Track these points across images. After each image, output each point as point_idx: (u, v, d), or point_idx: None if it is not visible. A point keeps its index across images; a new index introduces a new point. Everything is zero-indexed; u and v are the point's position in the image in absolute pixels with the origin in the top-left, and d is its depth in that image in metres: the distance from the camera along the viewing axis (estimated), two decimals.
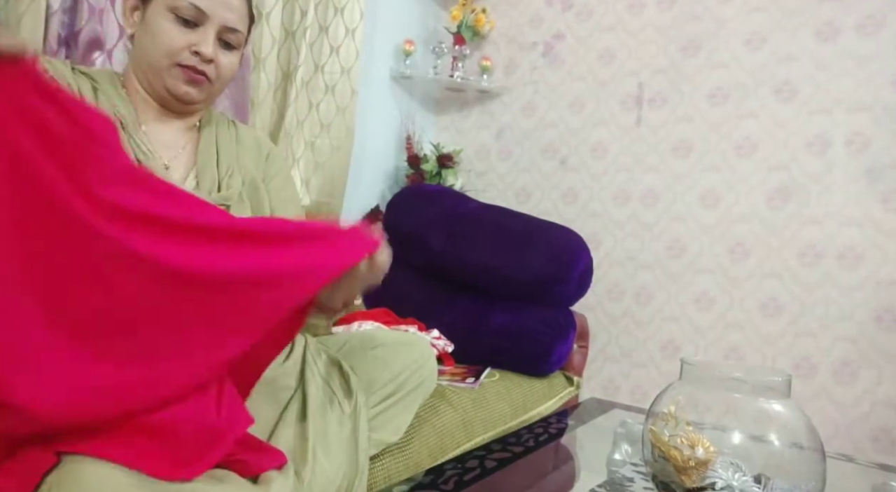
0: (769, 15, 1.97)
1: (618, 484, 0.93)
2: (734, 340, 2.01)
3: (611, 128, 2.23)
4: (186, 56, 0.96)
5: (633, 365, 2.18)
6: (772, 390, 0.79)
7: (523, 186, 2.40)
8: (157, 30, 0.94)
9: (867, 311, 1.83)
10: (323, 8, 1.89)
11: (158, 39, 0.94)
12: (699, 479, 0.74)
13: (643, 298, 2.16)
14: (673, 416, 0.78)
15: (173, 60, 0.95)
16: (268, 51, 1.76)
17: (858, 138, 1.85)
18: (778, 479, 0.73)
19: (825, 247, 1.89)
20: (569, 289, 1.72)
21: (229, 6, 0.98)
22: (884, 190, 1.82)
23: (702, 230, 2.07)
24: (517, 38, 2.42)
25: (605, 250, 2.22)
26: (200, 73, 0.97)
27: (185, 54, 0.95)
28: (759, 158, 1.98)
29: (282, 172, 1.17)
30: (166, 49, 0.95)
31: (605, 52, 2.24)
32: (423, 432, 1.20)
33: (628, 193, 2.20)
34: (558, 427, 1.24)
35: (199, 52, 0.96)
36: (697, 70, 2.08)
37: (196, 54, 0.96)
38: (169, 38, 0.94)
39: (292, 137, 1.84)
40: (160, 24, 0.94)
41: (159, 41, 0.94)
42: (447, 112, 2.57)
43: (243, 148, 1.11)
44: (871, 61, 1.83)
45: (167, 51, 0.95)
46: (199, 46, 0.95)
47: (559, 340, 1.68)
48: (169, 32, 0.94)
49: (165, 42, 0.94)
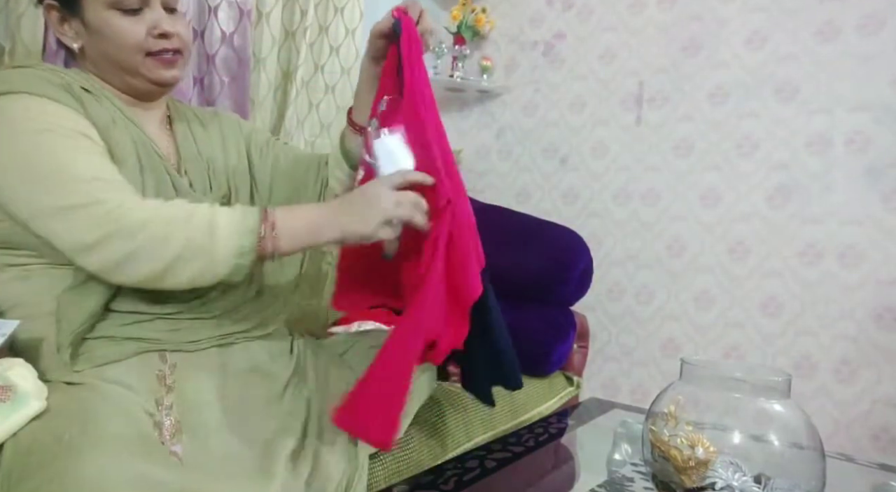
0: (770, 14, 1.97)
1: (618, 484, 0.93)
2: (734, 340, 2.01)
3: (611, 127, 2.23)
4: (152, 42, 0.93)
5: (633, 365, 2.18)
6: (772, 390, 0.79)
7: (523, 185, 2.40)
8: (111, 30, 0.91)
9: (867, 310, 1.83)
10: (323, 8, 1.89)
11: (118, 40, 0.92)
12: (699, 479, 0.74)
13: (643, 297, 2.16)
14: (673, 416, 0.78)
15: (143, 52, 0.93)
16: (268, 51, 1.76)
17: (859, 138, 1.85)
18: (778, 479, 0.73)
19: (825, 246, 1.89)
20: (569, 289, 1.72)
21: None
22: (884, 189, 1.82)
23: (702, 229, 2.07)
24: (517, 37, 2.41)
25: (605, 250, 2.22)
26: (172, 51, 0.96)
27: (150, 41, 0.93)
28: (759, 157, 1.98)
29: (269, 136, 1.22)
30: (132, 45, 0.92)
31: (605, 51, 2.24)
32: (423, 432, 1.20)
33: (629, 192, 2.20)
34: (558, 427, 1.24)
35: (163, 33, 0.94)
36: (698, 69, 2.08)
37: (161, 36, 0.94)
38: (127, 34, 0.91)
39: (292, 136, 1.84)
40: (110, 24, 0.91)
41: (121, 40, 0.92)
42: (447, 112, 2.57)
43: (219, 136, 1.11)
44: (871, 61, 1.83)
45: (134, 46, 0.92)
46: (159, 27, 0.93)
47: (559, 340, 1.68)
48: (124, 29, 0.91)
49: (127, 39, 0.92)
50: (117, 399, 0.82)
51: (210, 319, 0.96)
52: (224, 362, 0.95)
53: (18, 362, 0.80)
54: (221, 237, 0.83)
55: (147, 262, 0.81)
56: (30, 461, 0.71)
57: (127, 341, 0.88)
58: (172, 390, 0.87)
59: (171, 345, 0.91)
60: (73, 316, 0.85)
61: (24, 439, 0.74)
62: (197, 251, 0.82)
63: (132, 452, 0.72)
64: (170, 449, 0.81)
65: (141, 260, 0.81)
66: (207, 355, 0.94)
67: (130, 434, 0.76)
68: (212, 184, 1.04)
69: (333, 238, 0.89)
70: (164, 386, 0.86)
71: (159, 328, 0.91)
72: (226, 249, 0.83)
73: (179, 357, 0.91)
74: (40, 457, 0.71)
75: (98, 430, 0.74)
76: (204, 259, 0.82)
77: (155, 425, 0.82)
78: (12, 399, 0.75)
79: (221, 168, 1.07)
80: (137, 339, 0.89)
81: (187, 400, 0.88)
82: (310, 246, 0.90)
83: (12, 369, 0.78)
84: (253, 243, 0.84)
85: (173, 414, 0.85)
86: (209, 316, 0.96)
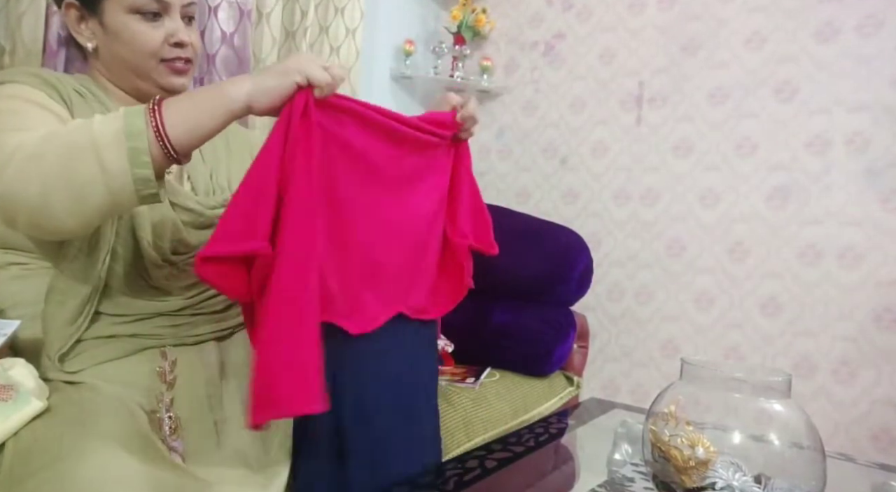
0: (769, 15, 1.97)
1: (618, 484, 0.93)
2: (734, 340, 2.01)
3: (611, 127, 2.23)
4: (168, 50, 0.94)
5: (633, 365, 2.18)
6: (772, 390, 0.79)
7: (523, 185, 2.40)
8: (129, 34, 0.92)
9: (867, 310, 1.83)
10: (323, 8, 1.89)
11: (135, 44, 0.92)
12: (699, 479, 0.74)
13: (643, 297, 2.17)
14: (673, 416, 0.78)
15: (157, 58, 0.94)
16: (268, 51, 1.76)
17: (858, 138, 1.85)
18: (778, 479, 0.73)
19: (825, 247, 1.89)
20: (569, 289, 1.72)
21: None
22: (884, 190, 1.82)
23: (702, 230, 2.07)
24: (517, 37, 2.42)
25: (605, 250, 2.22)
26: (185, 60, 0.97)
27: (165, 48, 0.94)
28: (759, 157, 1.98)
29: None
30: (148, 50, 0.93)
31: (605, 51, 2.24)
32: None
33: (628, 192, 2.20)
34: (558, 427, 1.24)
35: (179, 42, 0.94)
36: (698, 70, 2.08)
37: (176, 44, 0.95)
38: (145, 39, 0.92)
39: None
40: (128, 28, 0.92)
41: (136, 45, 0.92)
42: None
43: (225, 145, 1.11)
44: (871, 61, 1.83)
45: (150, 52, 0.93)
46: (176, 36, 0.94)
47: (559, 340, 1.68)
48: (143, 33, 0.92)
49: (143, 44, 0.92)
50: (117, 398, 0.82)
51: (210, 314, 0.97)
52: (223, 357, 0.96)
53: (20, 362, 0.81)
54: (99, 130, 0.72)
55: (23, 188, 0.71)
56: (31, 461, 0.71)
57: (127, 338, 0.88)
58: (173, 386, 0.87)
59: (172, 339, 0.91)
60: (57, 319, 0.85)
61: (25, 439, 0.75)
62: (78, 154, 0.71)
63: (132, 451, 0.72)
64: (170, 445, 0.81)
65: (15, 186, 0.71)
66: (207, 349, 0.95)
67: (131, 434, 0.76)
68: (214, 189, 1.04)
69: (238, 99, 0.77)
70: (165, 383, 0.87)
71: (159, 324, 0.91)
72: (109, 133, 0.72)
73: (179, 353, 0.91)
74: (41, 456, 0.71)
75: (98, 429, 0.74)
76: (88, 157, 0.71)
77: (155, 423, 0.82)
78: (14, 398, 0.75)
79: (224, 175, 1.07)
80: (138, 335, 0.89)
81: (187, 396, 0.88)
82: (212, 111, 0.77)
83: (13, 369, 0.78)
84: (141, 120, 0.73)
85: (173, 411, 0.85)
86: (209, 311, 0.97)
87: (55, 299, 0.86)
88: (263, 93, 0.78)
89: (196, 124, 0.76)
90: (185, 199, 0.97)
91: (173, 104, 0.76)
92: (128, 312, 0.90)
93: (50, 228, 0.75)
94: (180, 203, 0.96)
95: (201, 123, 0.76)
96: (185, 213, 0.96)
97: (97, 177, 0.71)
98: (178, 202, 0.95)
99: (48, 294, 0.86)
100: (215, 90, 0.78)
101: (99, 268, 0.87)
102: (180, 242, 0.95)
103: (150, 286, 0.93)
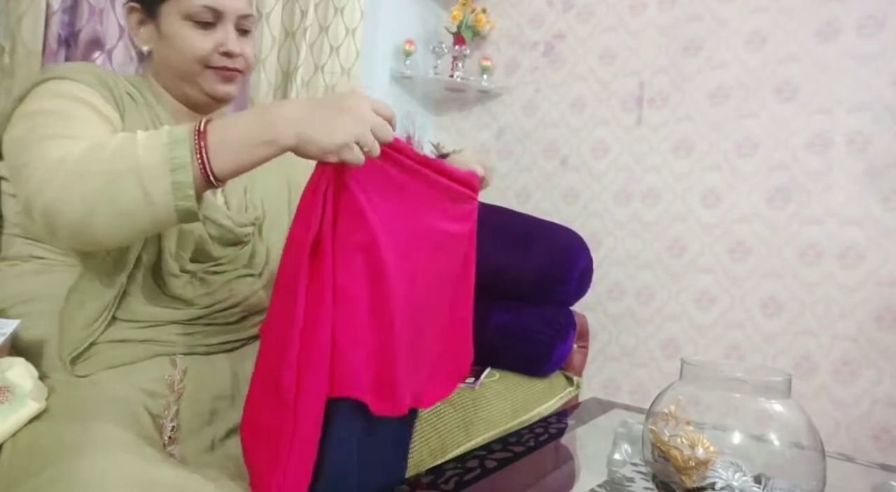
0: (770, 15, 1.97)
1: (618, 484, 0.93)
2: (734, 340, 2.01)
3: (612, 127, 2.23)
4: (216, 58, 0.95)
5: (633, 365, 2.18)
6: (772, 390, 0.79)
7: (524, 185, 2.40)
8: (180, 40, 0.94)
9: (867, 310, 1.83)
10: (323, 8, 1.89)
11: (184, 49, 0.94)
12: (699, 479, 0.74)
13: (643, 297, 2.16)
14: (673, 416, 0.77)
15: (204, 65, 0.95)
16: (268, 51, 1.76)
17: (859, 138, 1.85)
18: (778, 479, 0.73)
19: (825, 246, 1.89)
20: (569, 289, 1.72)
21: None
22: (884, 189, 1.82)
23: (702, 230, 2.07)
24: (518, 38, 2.41)
25: (605, 250, 2.22)
26: (233, 69, 0.97)
27: (214, 57, 0.95)
28: (759, 157, 1.98)
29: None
30: (195, 56, 0.94)
31: (605, 51, 2.24)
32: (424, 432, 1.20)
33: (629, 192, 2.20)
34: (558, 427, 1.24)
35: (228, 52, 0.96)
36: (698, 70, 2.08)
37: (224, 54, 0.96)
38: (195, 46, 0.94)
39: None
40: (180, 34, 0.93)
41: (186, 50, 0.94)
42: (447, 112, 2.57)
43: None
44: (871, 61, 1.83)
45: (197, 58, 0.94)
46: (225, 46, 0.95)
47: (559, 340, 1.68)
48: (193, 40, 0.93)
49: (193, 50, 0.94)
50: (122, 398, 0.82)
51: (224, 325, 0.96)
52: (235, 369, 0.95)
53: (19, 362, 0.80)
54: (143, 156, 0.71)
55: (66, 204, 0.72)
56: (30, 462, 0.71)
57: (139, 344, 0.88)
58: (180, 397, 0.87)
59: (183, 348, 0.91)
60: (76, 320, 0.85)
61: (24, 440, 0.74)
62: (121, 181, 0.71)
63: (133, 453, 0.72)
64: (170, 451, 0.81)
65: (59, 203, 0.72)
66: (218, 360, 0.94)
67: (131, 435, 0.76)
68: (247, 205, 1.04)
69: (286, 139, 0.73)
70: (174, 392, 0.86)
71: (172, 332, 0.91)
72: (155, 164, 0.71)
73: (190, 362, 0.91)
74: (41, 458, 0.71)
75: (99, 431, 0.73)
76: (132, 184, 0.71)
77: (157, 428, 0.82)
78: (10, 400, 0.75)
79: (259, 190, 1.07)
80: (149, 341, 0.88)
81: (192, 410, 0.87)
82: (258, 146, 0.74)
83: (12, 369, 0.78)
84: (186, 151, 0.71)
85: (178, 419, 0.85)
86: (223, 322, 0.96)
87: (76, 299, 0.85)
88: (313, 144, 0.73)
89: (240, 160, 0.74)
90: (217, 213, 0.96)
91: (219, 132, 0.74)
92: (142, 318, 0.89)
93: (89, 243, 0.77)
94: (211, 217, 0.95)
95: (246, 158, 0.74)
96: (214, 227, 0.96)
97: (140, 206, 0.72)
98: (210, 216, 0.95)
99: (69, 294, 0.85)
100: (265, 123, 0.74)
101: (124, 273, 0.87)
102: (201, 252, 0.95)
103: (166, 294, 0.93)
